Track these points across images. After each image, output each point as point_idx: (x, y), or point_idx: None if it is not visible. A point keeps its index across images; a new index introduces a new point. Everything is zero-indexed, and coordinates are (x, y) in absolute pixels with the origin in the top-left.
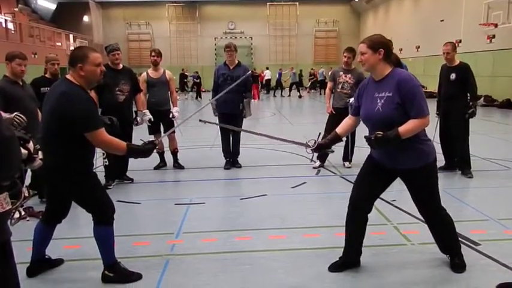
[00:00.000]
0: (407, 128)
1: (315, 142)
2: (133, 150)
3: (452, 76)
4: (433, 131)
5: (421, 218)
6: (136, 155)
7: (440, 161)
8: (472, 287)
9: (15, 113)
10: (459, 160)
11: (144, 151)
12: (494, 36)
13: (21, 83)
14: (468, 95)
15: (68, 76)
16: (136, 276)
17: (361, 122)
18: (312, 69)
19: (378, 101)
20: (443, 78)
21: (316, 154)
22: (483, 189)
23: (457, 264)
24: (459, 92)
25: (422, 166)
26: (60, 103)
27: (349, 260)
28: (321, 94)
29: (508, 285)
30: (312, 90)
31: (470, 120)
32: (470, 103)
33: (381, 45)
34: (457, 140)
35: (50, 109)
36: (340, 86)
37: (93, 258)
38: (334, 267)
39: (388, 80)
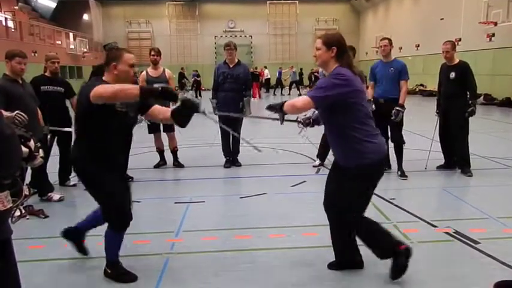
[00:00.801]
0: (290, 102)
1: (309, 119)
2: (149, 90)
3: (452, 75)
4: (432, 129)
5: (421, 217)
6: (154, 95)
7: (440, 159)
8: (472, 285)
9: (17, 112)
10: (459, 159)
11: (158, 92)
12: (494, 35)
13: (21, 82)
14: (468, 93)
15: (103, 77)
16: (130, 278)
17: None
18: (311, 69)
19: None
20: (442, 77)
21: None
22: (483, 187)
23: (395, 270)
24: (459, 91)
25: (355, 166)
26: (81, 93)
27: (342, 260)
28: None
29: (505, 283)
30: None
31: (470, 118)
32: (470, 102)
33: (335, 44)
34: (457, 138)
35: (78, 101)
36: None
37: (93, 257)
38: (331, 266)
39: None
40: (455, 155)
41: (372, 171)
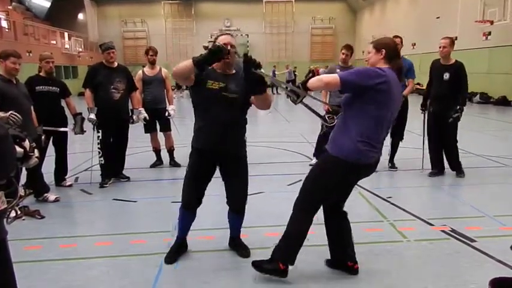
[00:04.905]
0: (318, 77)
1: (334, 118)
2: (199, 59)
3: (446, 76)
4: (420, 127)
5: (418, 215)
6: (205, 60)
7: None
8: (468, 283)
9: (11, 112)
10: (451, 164)
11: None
12: (490, 33)
13: (15, 82)
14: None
15: None
16: (167, 258)
17: None
18: (310, 68)
19: None
20: (435, 77)
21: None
22: (479, 186)
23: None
24: (452, 93)
25: (330, 152)
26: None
27: (333, 259)
28: (320, 91)
29: (501, 279)
30: None
31: (462, 119)
32: (458, 107)
33: (384, 46)
34: (448, 142)
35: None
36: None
37: (89, 257)
38: (327, 262)
39: None
40: (448, 161)
41: (339, 167)
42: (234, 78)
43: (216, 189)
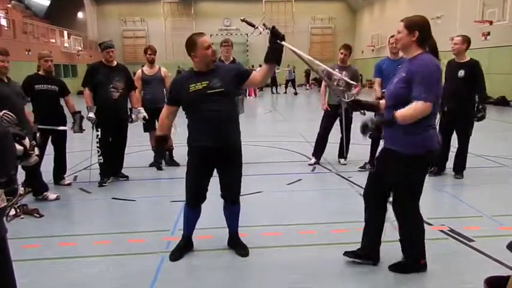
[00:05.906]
0: (403, 112)
1: (353, 96)
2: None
3: (461, 73)
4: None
5: None
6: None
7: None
8: (466, 282)
9: (4, 111)
10: (457, 162)
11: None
12: (489, 34)
13: (6, 80)
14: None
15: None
16: (172, 255)
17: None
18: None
19: (395, 79)
20: (449, 75)
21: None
22: (477, 186)
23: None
24: (467, 91)
25: (411, 154)
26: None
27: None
28: (319, 91)
29: (495, 278)
30: (312, 86)
31: None
32: (480, 106)
33: (417, 28)
34: (459, 141)
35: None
36: (335, 83)
37: (88, 256)
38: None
39: (411, 62)
40: (455, 160)
41: (423, 160)
42: (215, 74)
43: (214, 189)
